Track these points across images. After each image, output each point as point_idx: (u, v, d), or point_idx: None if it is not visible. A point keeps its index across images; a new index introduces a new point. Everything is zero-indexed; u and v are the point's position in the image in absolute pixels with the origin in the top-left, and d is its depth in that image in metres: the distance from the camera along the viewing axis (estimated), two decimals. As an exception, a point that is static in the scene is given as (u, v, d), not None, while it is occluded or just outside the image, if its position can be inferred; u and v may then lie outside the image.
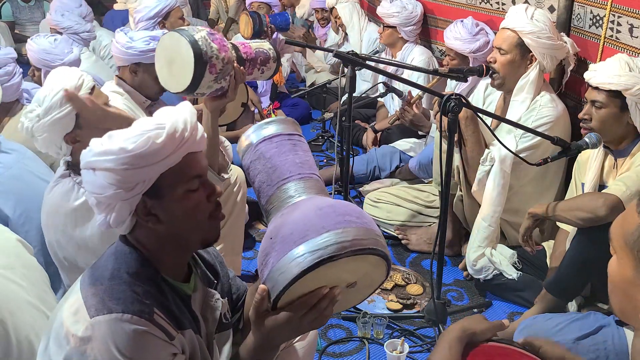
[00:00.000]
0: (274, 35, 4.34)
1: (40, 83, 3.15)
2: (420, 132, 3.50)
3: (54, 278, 2.06)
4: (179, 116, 1.23)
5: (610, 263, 1.01)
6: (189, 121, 1.23)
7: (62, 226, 1.81)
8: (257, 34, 4.09)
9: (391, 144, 3.68)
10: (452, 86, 3.45)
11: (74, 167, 1.84)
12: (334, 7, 5.00)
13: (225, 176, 2.08)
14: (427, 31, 4.13)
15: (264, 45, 2.00)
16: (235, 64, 1.84)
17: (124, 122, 1.24)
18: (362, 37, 4.82)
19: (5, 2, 6.02)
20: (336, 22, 5.06)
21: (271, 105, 4.60)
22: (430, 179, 3.21)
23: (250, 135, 1.40)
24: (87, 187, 1.22)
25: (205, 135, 1.30)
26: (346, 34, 4.99)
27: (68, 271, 1.91)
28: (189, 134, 1.22)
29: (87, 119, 1.77)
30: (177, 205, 1.23)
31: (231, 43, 1.87)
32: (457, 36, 3.16)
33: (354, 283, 1.27)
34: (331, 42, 5.30)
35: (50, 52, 3.06)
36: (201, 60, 1.70)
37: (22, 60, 3.80)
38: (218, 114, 1.96)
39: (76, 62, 3.14)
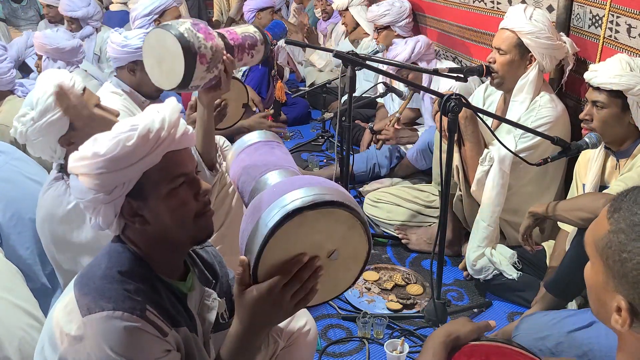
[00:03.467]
0: (276, 47, 4.39)
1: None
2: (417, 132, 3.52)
3: (52, 276, 2.07)
4: (155, 116, 1.22)
5: (586, 268, 1.03)
6: (167, 120, 1.22)
7: (58, 232, 1.80)
8: (267, 54, 4.14)
9: (389, 141, 3.68)
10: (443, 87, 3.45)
11: (67, 170, 1.85)
12: (347, 10, 4.80)
13: (216, 174, 2.09)
14: (422, 30, 4.14)
15: (249, 29, 1.98)
16: (224, 53, 1.82)
17: (112, 124, 1.26)
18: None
19: None
20: (346, 27, 4.92)
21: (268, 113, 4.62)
22: (431, 177, 3.22)
23: (235, 148, 1.49)
24: (72, 193, 1.24)
25: (191, 131, 1.29)
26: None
27: (64, 274, 1.91)
28: (166, 132, 1.20)
29: (79, 121, 1.77)
30: (162, 205, 1.22)
31: (216, 31, 1.86)
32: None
33: (335, 252, 1.25)
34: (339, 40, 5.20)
35: (49, 37, 3.22)
36: (190, 52, 1.68)
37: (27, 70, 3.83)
38: (213, 108, 1.95)
39: (77, 49, 3.23)
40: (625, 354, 0.99)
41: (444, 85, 3.16)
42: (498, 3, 3.24)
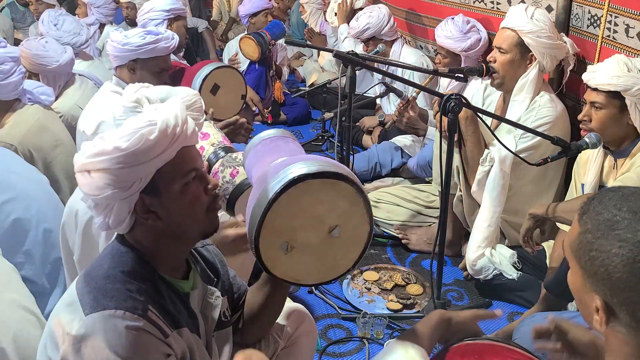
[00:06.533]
0: (274, 47, 4.41)
1: None
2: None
3: (49, 276, 2.10)
4: (169, 112, 1.23)
5: (568, 274, 1.07)
6: (179, 116, 1.24)
7: (84, 231, 1.80)
8: (264, 52, 4.19)
9: (390, 140, 3.68)
10: (444, 85, 3.45)
11: None
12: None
13: None
14: (421, 31, 4.14)
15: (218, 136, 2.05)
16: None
17: None
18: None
19: (4, 6, 6.02)
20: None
21: (267, 113, 4.63)
22: (431, 178, 3.22)
23: (251, 142, 1.52)
24: (83, 190, 1.22)
25: (197, 129, 1.31)
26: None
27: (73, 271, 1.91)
28: (180, 128, 1.22)
29: None
30: (175, 201, 1.24)
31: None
32: (448, 34, 3.17)
33: (337, 228, 1.27)
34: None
35: (44, 56, 2.99)
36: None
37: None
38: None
39: (71, 63, 3.14)
40: (611, 355, 1.01)
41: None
42: (498, 3, 3.24)
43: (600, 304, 0.97)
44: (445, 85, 3.41)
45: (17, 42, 5.82)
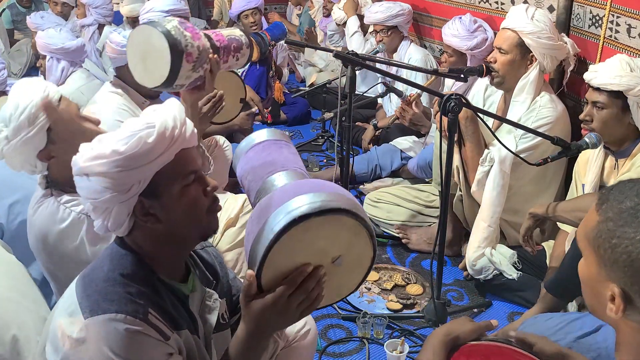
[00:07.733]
0: (275, 48, 4.38)
1: (45, 74, 3.24)
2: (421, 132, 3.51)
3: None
4: (167, 114, 1.22)
5: (580, 264, 1.07)
6: (178, 118, 1.23)
7: (56, 251, 1.71)
8: (264, 54, 4.15)
9: (390, 142, 3.68)
10: (449, 85, 3.45)
11: (54, 185, 1.74)
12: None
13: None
14: (427, 31, 4.13)
15: (235, 32, 1.96)
16: (210, 53, 1.79)
17: (95, 134, 1.24)
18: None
19: (5, 8, 6.00)
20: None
21: (267, 113, 4.62)
22: (431, 178, 3.22)
23: (242, 146, 1.47)
24: (82, 193, 1.21)
25: (195, 130, 1.30)
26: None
27: (57, 282, 1.88)
28: (179, 131, 1.21)
29: (59, 133, 1.68)
30: (175, 203, 1.23)
31: (203, 32, 1.84)
32: (455, 33, 3.16)
33: (339, 258, 1.24)
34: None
35: (52, 36, 3.20)
36: (177, 49, 1.65)
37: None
38: (197, 108, 1.98)
39: (77, 51, 3.22)
40: (624, 347, 1.01)
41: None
42: (502, 3, 3.24)
43: (618, 292, 0.97)
44: (450, 85, 3.41)
45: (16, 42, 5.83)
